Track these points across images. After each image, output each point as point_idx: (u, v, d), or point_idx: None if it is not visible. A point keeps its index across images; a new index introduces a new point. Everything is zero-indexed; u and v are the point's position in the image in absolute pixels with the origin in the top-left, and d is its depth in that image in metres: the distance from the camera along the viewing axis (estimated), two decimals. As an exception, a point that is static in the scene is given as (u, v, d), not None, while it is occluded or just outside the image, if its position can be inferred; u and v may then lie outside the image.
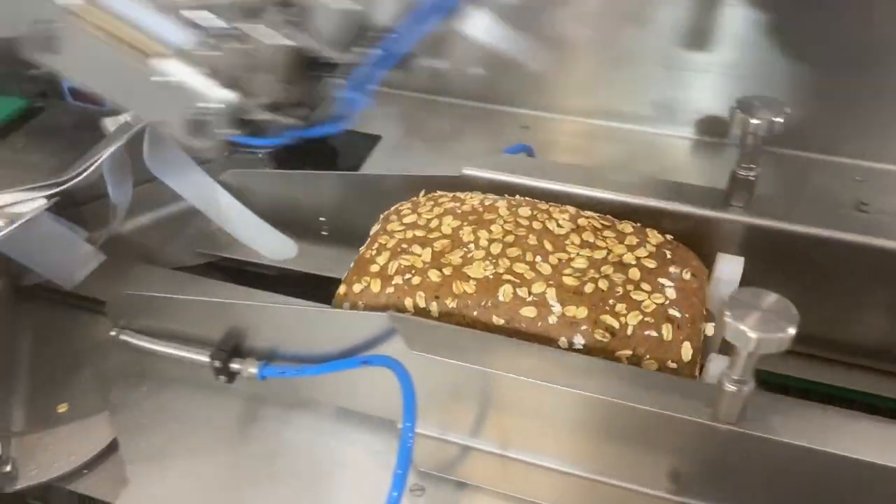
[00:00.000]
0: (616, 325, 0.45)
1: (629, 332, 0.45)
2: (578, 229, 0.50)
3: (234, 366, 0.51)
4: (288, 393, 0.53)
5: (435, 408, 0.45)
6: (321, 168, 0.65)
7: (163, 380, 0.55)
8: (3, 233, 0.50)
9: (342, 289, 0.50)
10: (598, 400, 0.41)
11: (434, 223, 0.51)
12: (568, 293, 0.46)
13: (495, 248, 0.48)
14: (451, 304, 0.47)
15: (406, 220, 0.52)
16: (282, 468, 0.50)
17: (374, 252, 0.50)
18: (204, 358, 0.51)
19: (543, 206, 0.52)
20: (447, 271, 0.48)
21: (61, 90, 0.83)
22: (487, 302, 0.46)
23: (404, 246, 0.50)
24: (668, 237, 0.52)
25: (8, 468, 0.49)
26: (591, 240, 0.50)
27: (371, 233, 0.53)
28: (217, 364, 0.51)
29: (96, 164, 0.56)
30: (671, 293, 0.47)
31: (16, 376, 0.56)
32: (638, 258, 0.48)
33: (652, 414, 0.40)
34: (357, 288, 0.49)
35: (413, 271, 0.48)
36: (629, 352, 0.45)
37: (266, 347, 0.51)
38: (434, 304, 0.47)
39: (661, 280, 0.47)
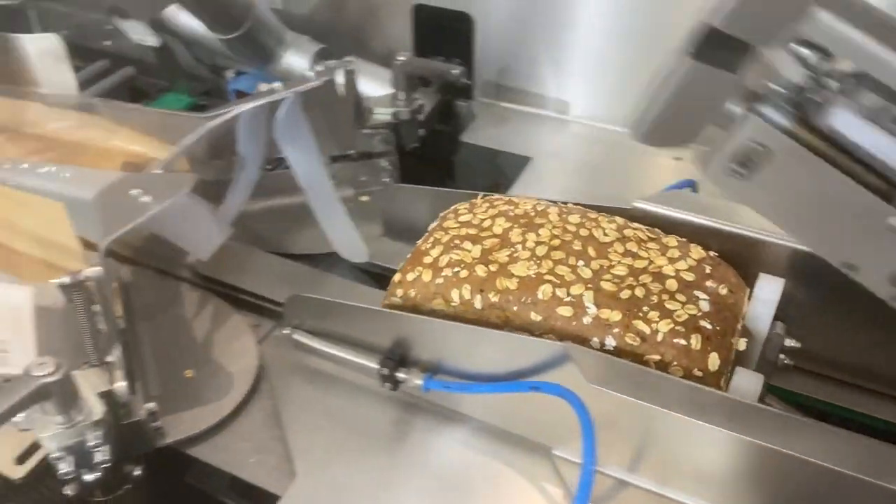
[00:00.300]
0: (647, 330, 0.47)
1: (659, 338, 0.47)
2: (623, 239, 0.52)
3: (401, 375, 0.53)
4: (443, 404, 0.55)
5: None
6: (467, 188, 0.66)
7: (321, 376, 0.58)
8: (153, 211, 0.53)
9: (397, 276, 0.54)
10: (784, 455, 0.41)
11: (487, 223, 0.54)
12: (604, 297, 0.48)
13: (541, 250, 0.51)
14: (493, 297, 0.50)
15: (462, 218, 0.56)
16: (434, 481, 0.51)
17: (429, 245, 0.54)
18: (373, 364, 0.53)
19: (593, 214, 0.55)
20: (493, 268, 0.51)
21: (226, 91, 0.90)
22: (527, 299, 0.49)
23: (457, 242, 0.53)
24: (711, 254, 0.53)
25: (159, 423, 0.51)
26: (635, 250, 0.52)
27: (429, 228, 0.57)
28: (385, 372, 0.53)
29: (234, 114, 0.61)
30: (705, 306, 0.48)
31: (144, 344, 0.59)
32: (677, 270, 0.50)
33: (841, 475, 0.40)
34: (410, 277, 0.53)
35: (462, 265, 0.52)
36: (657, 357, 0.47)
37: (430, 360, 0.53)
38: (478, 296, 0.50)
39: (697, 293, 0.49)
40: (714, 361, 0.46)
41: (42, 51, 0.76)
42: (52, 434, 0.45)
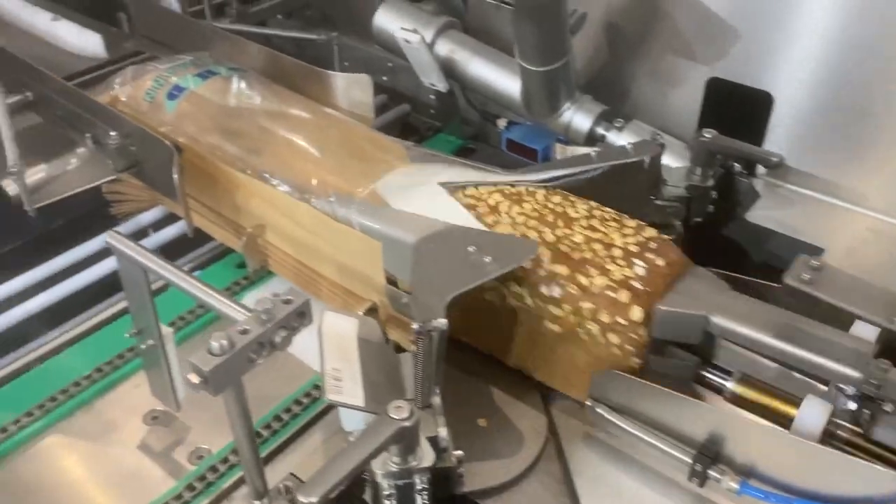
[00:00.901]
0: (587, 283, 0.59)
1: (594, 290, 0.58)
2: (590, 217, 0.65)
3: (713, 473, 0.51)
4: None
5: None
6: (752, 271, 0.64)
7: (613, 451, 0.58)
8: (495, 274, 0.55)
9: None
10: None
11: (485, 196, 0.67)
12: (558, 256, 0.60)
13: (520, 219, 0.64)
14: None
15: (468, 192, 0.69)
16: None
17: None
18: (685, 458, 0.52)
19: (573, 198, 0.67)
20: None
21: (498, 137, 0.93)
22: None
23: None
24: (664, 236, 0.64)
25: (462, 470, 0.52)
26: (597, 225, 0.64)
27: None
28: (698, 468, 0.52)
29: (548, 177, 0.69)
30: (640, 271, 0.60)
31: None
32: (626, 244, 0.62)
33: None
34: None
35: None
36: (591, 305, 0.58)
37: (745, 462, 0.51)
38: None
39: (636, 260, 0.60)
40: (637, 313, 0.57)
41: (351, 86, 0.82)
42: (387, 472, 0.48)
